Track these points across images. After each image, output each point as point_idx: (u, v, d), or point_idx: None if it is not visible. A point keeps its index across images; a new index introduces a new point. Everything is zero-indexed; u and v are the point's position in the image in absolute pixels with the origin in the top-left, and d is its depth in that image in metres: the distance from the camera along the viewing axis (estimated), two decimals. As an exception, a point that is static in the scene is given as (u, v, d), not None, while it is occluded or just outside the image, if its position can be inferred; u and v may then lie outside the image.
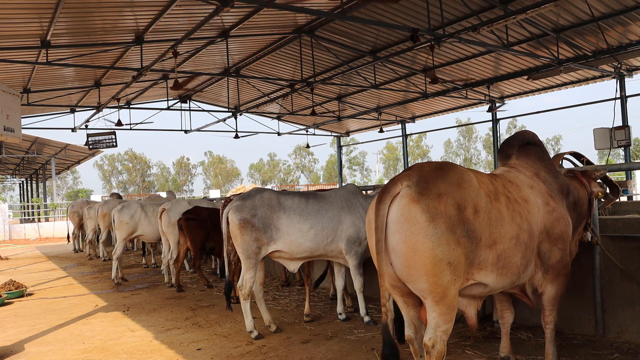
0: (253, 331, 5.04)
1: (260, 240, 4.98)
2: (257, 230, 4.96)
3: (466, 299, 3.30)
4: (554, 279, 3.55)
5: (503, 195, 3.28)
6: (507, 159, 3.85)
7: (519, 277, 3.32)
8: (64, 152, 27.23)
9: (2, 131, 6.24)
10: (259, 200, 5.07)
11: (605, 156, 23.85)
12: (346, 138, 27.79)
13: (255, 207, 5.02)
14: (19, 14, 9.63)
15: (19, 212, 34.45)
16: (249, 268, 5.04)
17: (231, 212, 5.08)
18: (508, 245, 3.16)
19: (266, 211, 5.02)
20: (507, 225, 3.17)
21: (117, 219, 9.06)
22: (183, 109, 19.63)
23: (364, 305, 5.44)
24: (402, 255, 2.92)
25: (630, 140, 13.88)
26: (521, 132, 3.99)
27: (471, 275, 3.07)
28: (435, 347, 2.96)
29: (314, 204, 5.20)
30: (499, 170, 3.81)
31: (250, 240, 4.96)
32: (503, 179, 3.50)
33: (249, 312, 5.08)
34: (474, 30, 9.43)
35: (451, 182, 3.02)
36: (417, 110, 21.08)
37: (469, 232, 2.96)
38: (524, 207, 3.35)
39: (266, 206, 5.04)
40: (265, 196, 5.13)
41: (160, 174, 74.06)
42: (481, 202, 3.07)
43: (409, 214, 2.89)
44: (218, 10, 8.46)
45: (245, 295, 5.06)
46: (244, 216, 4.98)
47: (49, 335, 5.63)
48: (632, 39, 12.00)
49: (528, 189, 3.54)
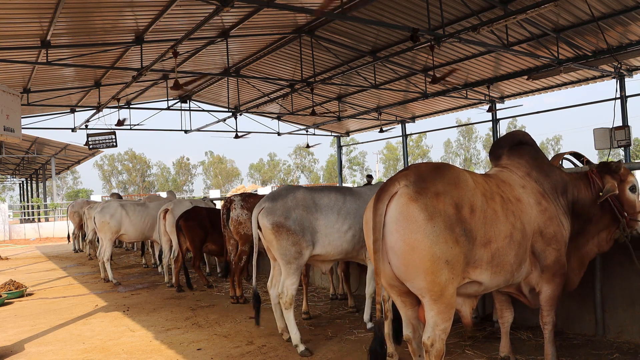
0: (299, 345, 4.50)
1: (299, 244, 4.53)
2: (293, 234, 4.52)
3: (461, 297, 3.31)
4: (550, 279, 3.56)
5: (498, 194, 3.31)
6: (498, 160, 3.84)
7: (512, 275, 3.33)
8: (64, 152, 27.24)
9: (2, 131, 6.24)
10: (291, 201, 4.62)
11: (605, 156, 23.85)
12: (346, 138, 27.80)
13: (289, 208, 4.58)
14: (19, 14, 9.63)
15: (19, 212, 34.45)
16: (290, 274, 4.57)
17: (262, 215, 4.61)
18: (502, 244, 3.18)
19: (301, 212, 4.58)
20: (502, 225, 3.19)
21: (98, 221, 8.98)
22: (183, 109, 19.64)
23: (370, 311, 5.22)
24: (400, 253, 2.93)
25: (630, 140, 13.88)
26: (512, 133, 3.97)
27: (467, 274, 3.09)
28: (434, 346, 2.96)
29: (351, 203, 4.76)
30: (491, 170, 3.82)
31: (288, 245, 4.51)
32: (496, 179, 3.52)
33: (294, 324, 4.57)
34: (474, 30, 9.43)
35: (448, 182, 3.04)
36: (417, 110, 21.09)
37: (467, 231, 2.98)
38: (517, 206, 3.37)
39: (301, 207, 4.61)
40: (299, 196, 4.67)
41: (160, 174, 74.08)
42: (477, 202, 3.09)
43: (407, 212, 2.91)
44: (218, 10, 8.46)
45: (287, 304, 4.58)
46: (276, 219, 4.53)
47: (49, 335, 5.63)
48: (632, 39, 12.00)
49: (520, 188, 3.55)
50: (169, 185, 70.97)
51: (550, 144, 62.78)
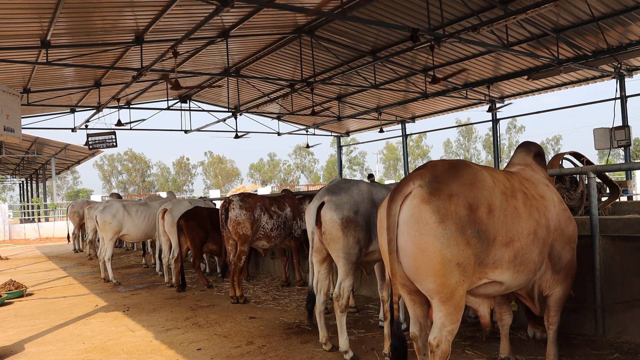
0: (348, 351, 4.27)
1: (362, 241, 4.24)
2: (360, 230, 4.21)
3: (480, 297, 3.28)
4: (563, 280, 3.57)
5: (520, 191, 3.28)
6: (526, 155, 3.93)
7: (535, 274, 3.32)
8: (64, 152, 27.24)
9: (2, 131, 6.24)
10: (357, 194, 4.31)
11: (605, 156, 23.84)
12: (346, 138, 27.80)
13: (357, 202, 4.25)
14: (19, 14, 9.63)
15: (19, 212, 34.45)
16: (350, 274, 4.25)
17: (328, 209, 4.22)
18: (525, 241, 3.16)
19: (367, 207, 4.27)
20: (524, 222, 3.17)
21: (99, 220, 8.98)
22: (183, 109, 19.65)
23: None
24: (410, 255, 2.92)
25: (630, 140, 13.88)
26: (538, 144, 4.13)
27: (484, 275, 3.07)
28: (440, 346, 2.95)
29: None
30: (514, 167, 3.85)
31: (353, 242, 4.19)
32: (519, 176, 3.52)
33: (345, 329, 4.30)
34: (474, 30, 9.43)
35: (464, 182, 2.99)
36: (417, 110, 21.09)
37: (480, 233, 2.94)
38: (541, 203, 3.37)
39: (367, 200, 4.30)
40: (363, 188, 4.37)
41: (160, 174, 74.08)
42: (495, 201, 3.05)
43: (419, 214, 2.88)
44: (218, 10, 8.47)
45: (343, 307, 4.26)
46: (346, 214, 4.17)
47: (49, 335, 5.63)
48: (632, 39, 12.00)
49: (544, 186, 3.59)
50: (169, 185, 70.96)
51: (550, 144, 62.75)
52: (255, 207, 6.80)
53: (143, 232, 9.35)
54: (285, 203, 7.29)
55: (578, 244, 3.76)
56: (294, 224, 7.27)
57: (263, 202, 6.97)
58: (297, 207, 7.38)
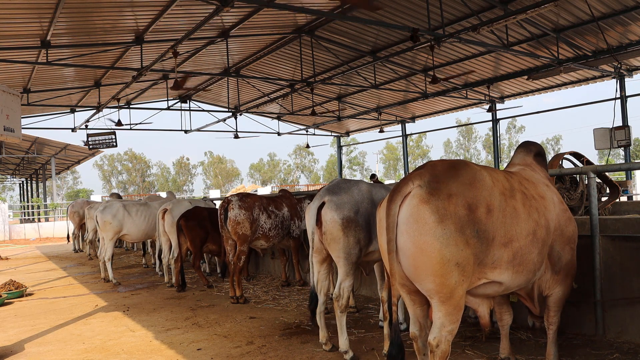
0: (348, 351, 4.27)
1: (362, 241, 4.26)
2: (360, 230, 4.23)
3: (479, 298, 3.28)
4: (562, 280, 3.58)
5: (519, 191, 3.28)
6: (527, 155, 3.93)
7: (534, 274, 3.32)
8: (64, 152, 27.24)
9: (2, 131, 6.24)
10: (357, 194, 4.32)
11: (605, 156, 23.84)
12: (346, 138, 27.80)
13: (357, 202, 4.27)
14: (19, 14, 9.64)
15: (19, 212, 34.45)
16: (350, 274, 4.26)
17: (328, 209, 4.23)
18: (524, 242, 3.16)
19: (367, 206, 4.30)
20: (524, 222, 3.17)
21: (100, 220, 8.97)
22: (183, 109, 19.65)
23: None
24: (410, 255, 2.92)
25: (630, 140, 13.89)
26: (538, 144, 4.13)
27: (483, 275, 3.07)
28: (440, 346, 2.95)
29: None
30: (514, 167, 3.84)
31: (354, 242, 4.21)
32: (519, 176, 3.52)
33: (345, 329, 4.31)
34: (474, 30, 9.43)
35: (463, 182, 3.00)
36: (417, 110, 21.10)
37: (479, 233, 2.94)
38: (541, 203, 3.37)
39: (367, 200, 4.33)
40: (363, 188, 4.39)
41: (160, 174, 74.09)
42: (494, 201, 3.05)
43: (418, 214, 2.88)
44: (218, 10, 8.47)
45: (343, 307, 4.27)
46: (346, 214, 4.19)
47: (49, 335, 5.63)
48: (632, 39, 12.00)
49: (544, 186, 3.59)
50: (169, 185, 70.98)
51: (550, 144, 62.75)
52: (254, 206, 6.80)
53: (143, 232, 9.35)
54: (282, 203, 7.29)
55: (578, 244, 3.76)
56: (291, 223, 7.27)
57: (261, 202, 6.97)
58: (295, 207, 7.38)
